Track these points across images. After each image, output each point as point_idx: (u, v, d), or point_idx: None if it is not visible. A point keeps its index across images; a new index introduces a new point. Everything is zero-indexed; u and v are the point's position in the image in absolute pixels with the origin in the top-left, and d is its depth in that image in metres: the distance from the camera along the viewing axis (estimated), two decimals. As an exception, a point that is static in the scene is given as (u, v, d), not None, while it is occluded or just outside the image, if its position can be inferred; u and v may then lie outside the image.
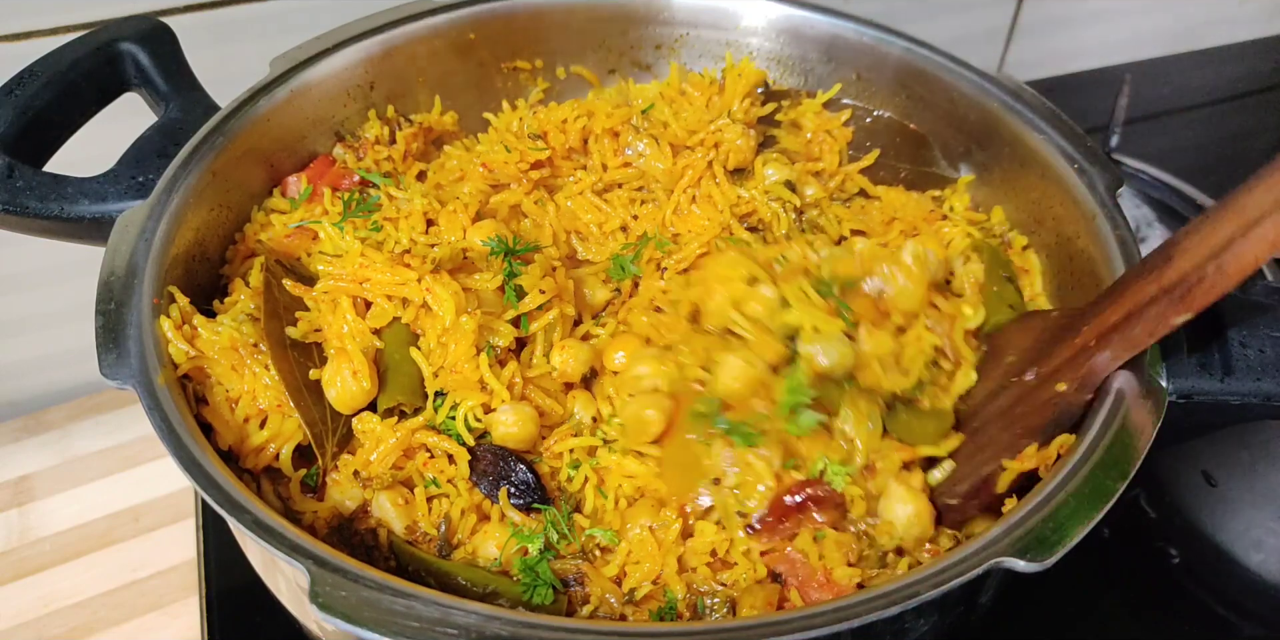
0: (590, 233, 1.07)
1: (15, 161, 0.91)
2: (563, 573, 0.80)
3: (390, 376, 0.87)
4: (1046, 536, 0.69)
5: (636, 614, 0.79)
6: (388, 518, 0.83)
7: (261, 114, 1.00)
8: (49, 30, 1.19)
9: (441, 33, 1.13)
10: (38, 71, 0.96)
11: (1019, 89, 1.07)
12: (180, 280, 0.89)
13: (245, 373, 0.85)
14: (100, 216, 0.91)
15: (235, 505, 0.71)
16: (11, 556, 1.21)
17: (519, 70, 1.19)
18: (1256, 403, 0.82)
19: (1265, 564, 1.14)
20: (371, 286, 0.89)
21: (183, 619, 1.14)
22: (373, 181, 1.03)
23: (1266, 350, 0.82)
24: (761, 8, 1.17)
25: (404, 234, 0.96)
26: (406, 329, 0.89)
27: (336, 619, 0.63)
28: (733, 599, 0.79)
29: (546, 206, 1.05)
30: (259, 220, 1.00)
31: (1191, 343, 0.82)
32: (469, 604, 0.66)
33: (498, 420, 0.86)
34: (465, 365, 0.87)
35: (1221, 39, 2.05)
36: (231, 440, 0.83)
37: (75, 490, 1.28)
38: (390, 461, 0.85)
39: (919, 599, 0.66)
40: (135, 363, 0.79)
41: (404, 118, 1.13)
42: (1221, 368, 0.82)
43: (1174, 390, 0.81)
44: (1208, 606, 1.14)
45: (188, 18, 1.24)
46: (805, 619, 0.65)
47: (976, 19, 1.82)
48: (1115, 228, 0.92)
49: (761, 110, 1.16)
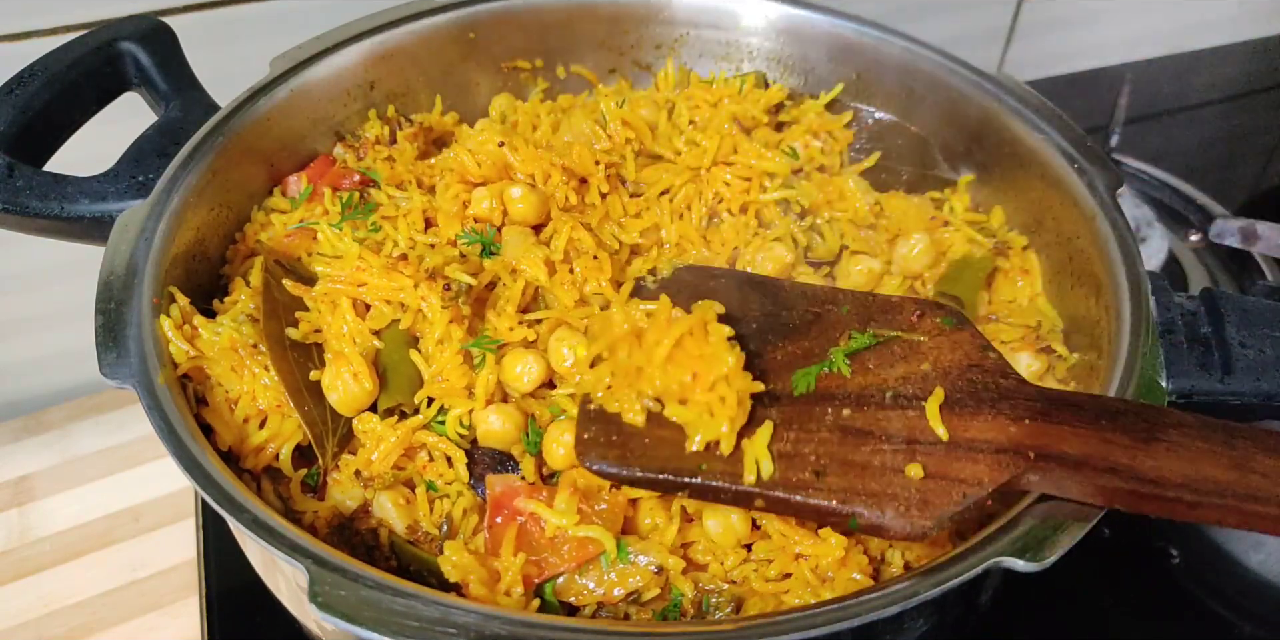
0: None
1: (15, 161, 0.91)
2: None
3: (390, 377, 0.87)
4: (1046, 536, 0.69)
5: (640, 614, 0.79)
6: (389, 517, 0.83)
7: (261, 114, 1.00)
8: (49, 30, 1.19)
9: (442, 32, 1.13)
10: (38, 71, 0.96)
11: (1019, 89, 1.07)
12: (180, 280, 0.89)
13: (245, 373, 0.85)
14: (100, 216, 0.91)
15: (235, 505, 0.71)
16: (11, 556, 1.21)
17: (519, 70, 1.19)
18: (1256, 403, 0.82)
19: (1265, 564, 1.14)
20: (368, 290, 0.89)
21: (183, 619, 1.14)
22: (374, 180, 1.03)
23: (1266, 350, 0.82)
24: (761, 8, 1.17)
25: (403, 233, 0.96)
26: (405, 330, 0.89)
27: (336, 619, 0.63)
28: (739, 597, 0.79)
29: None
30: (259, 220, 1.00)
31: (1191, 343, 0.82)
32: (469, 604, 0.66)
33: (483, 420, 0.86)
34: (454, 373, 0.87)
35: (1221, 39, 2.05)
36: (231, 440, 0.83)
37: (75, 490, 1.28)
38: (391, 461, 0.85)
39: (919, 598, 0.66)
40: (135, 362, 0.79)
41: (404, 117, 1.13)
42: (1221, 368, 0.82)
43: (1174, 390, 0.80)
44: (1208, 606, 1.14)
45: (188, 18, 1.24)
46: (805, 618, 0.65)
47: (976, 19, 1.82)
48: (1115, 228, 0.92)
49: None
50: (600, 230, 0.98)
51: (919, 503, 0.68)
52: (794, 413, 0.74)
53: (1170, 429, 0.69)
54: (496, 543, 0.78)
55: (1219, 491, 0.66)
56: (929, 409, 0.72)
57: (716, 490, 0.71)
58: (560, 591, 0.78)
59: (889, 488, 0.69)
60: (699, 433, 0.70)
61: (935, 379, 0.75)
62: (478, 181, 1.00)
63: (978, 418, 0.72)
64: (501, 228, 0.96)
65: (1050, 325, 0.98)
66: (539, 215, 0.97)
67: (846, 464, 0.71)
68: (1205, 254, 1.53)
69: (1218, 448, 0.68)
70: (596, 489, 0.81)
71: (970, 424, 0.71)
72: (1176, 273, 1.49)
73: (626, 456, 0.71)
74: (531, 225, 0.97)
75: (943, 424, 0.71)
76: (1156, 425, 0.70)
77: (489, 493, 0.81)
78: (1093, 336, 0.90)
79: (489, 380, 0.87)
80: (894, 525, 0.68)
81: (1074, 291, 0.97)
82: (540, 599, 0.77)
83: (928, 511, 0.68)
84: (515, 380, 0.87)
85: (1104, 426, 0.70)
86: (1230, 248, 1.49)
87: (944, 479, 0.69)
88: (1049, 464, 0.68)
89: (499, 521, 0.79)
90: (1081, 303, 0.94)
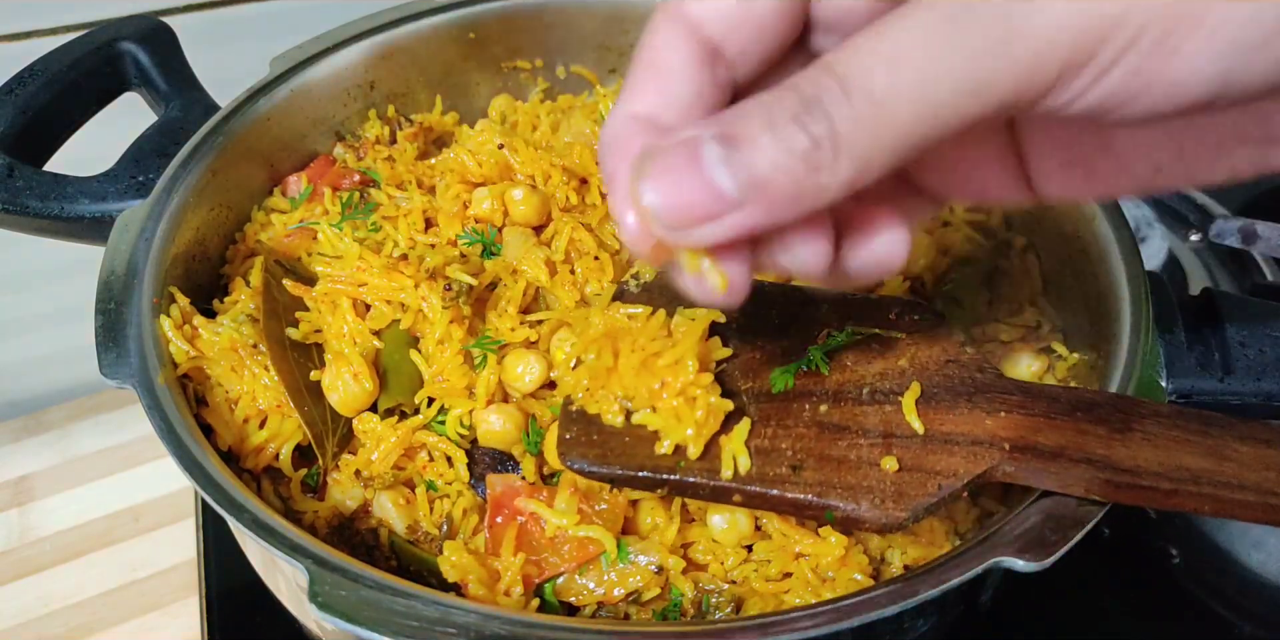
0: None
1: (15, 161, 0.91)
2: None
3: (390, 377, 0.87)
4: (1046, 536, 0.69)
5: (640, 614, 0.79)
6: (389, 517, 0.83)
7: (261, 114, 1.01)
8: (49, 30, 1.19)
9: (442, 32, 1.13)
10: (38, 71, 0.96)
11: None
12: (180, 280, 0.89)
13: (245, 373, 0.85)
14: (100, 216, 0.91)
15: (235, 505, 0.71)
16: (11, 556, 1.21)
17: (519, 70, 1.19)
18: (1256, 403, 0.82)
19: (1265, 564, 1.14)
20: (368, 290, 0.89)
21: (183, 619, 1.14)
22: (374, 180, 1.03)
23: (1266, 350, 0.82)
24: (761, 7, 1.17)
25: (403, 233, 0.96)
26: (406, 331, 0.89)
27: (336, 618, 0.63)
28: (739, 597, 0.79)
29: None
30: (259, 220, 1.00)
31: (1191, 343, 0.82)
32: (469, 604, 0.66)
33: (484, 419, 0.86)
34: (454, 373, 0.87)
35: (1221, 39, 2.04)
36: (231, 441, 0.83)
37: (75, 490, 1.28)
38: (391, 461, 0.85)
39: (919, 598, 0.66)
40: (135, 362, 0.79)
41: (404, 117, 1.14)
42: (1221, 368, 0.82)
43: (1174, 390, 0.80)
44: (1208, 606, 1.14)
45: (188, 18, 1.24)
46: (805, 618, 0.65)
47: (976, 19, 1.82)
48: (1115, 228, 0.92)
49: None
50: (601, 231, 0.98)
51: (894, 495, 0.69)
52: (772, 409, 0.75)
53: (1146, 419, 0.71)
54: (496, 542, 0.78)
55: (1194, 479, 0.67)
56: (905, 403, 0.73)
57: (695, 486, 0.71)
58: (560, 591, 0.78)
59: (865, 480, 0.70)
60: (668, 438, 0.71)
61: (912, 374, 0.76)
62: (478, 182, 1.00)
63: (954, 411, 0.73)
64: (502, 228, 0.97)
65: (1050, 325, 0.97)
66: (540, 216, 0.97)
67: (823, 458, 0.72)
68: (1205, 254, 1.53)
69: (1193, 436, 0.69)
70: (597, 489, 0.81)
71: (946, 418, 0.72)
72: (1176, 273, 1.49)
73: (606, 455, 0.72)
74: (533, 226, 0.97)
75: (919, 417, 0.72)
76: (1132, 416, 0.71)
77: (489, 492, 0.81)
78: (1093, 336, 0.90)
79: (490, 380, 0.87)
80: (869, 517, 0.69)
81: (1074, 291, 0.97)
82: (540, 599, 0.77)
83: (902, 503, 0.68)
84: (517, 380, 0.87)
85: (1080, 418, 0.71)
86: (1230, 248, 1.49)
87: (919, 471, 0.70)
88: (1024, 455, 0.69)
89: (499, 521, 0.79)
90: (1081, 303, 0.94)
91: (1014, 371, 0.93)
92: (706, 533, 0.82)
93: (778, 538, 0.80)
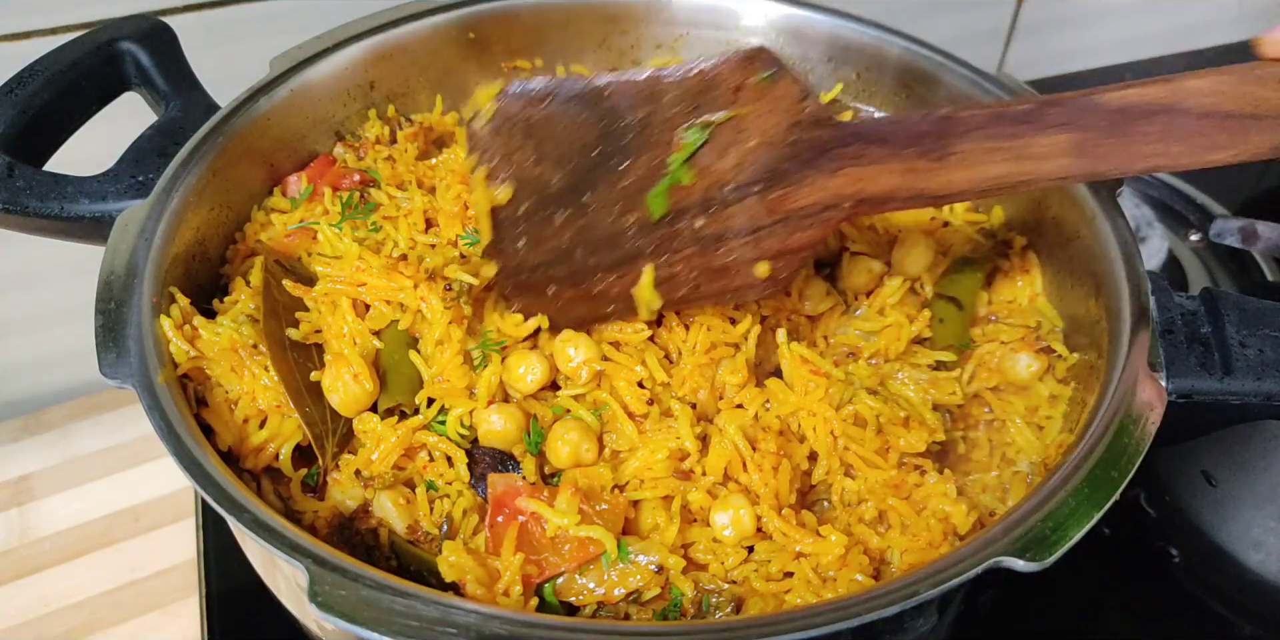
0: None
1: (15, 161, 0.91)
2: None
3: (390, 377, 0.87)
4: (1046, 536, 0.69)
5: (640, 613, 0.79)
6: (389, 517, 0.83)
7: (261, 113, 1.00)
8: (49, 30, 1.19)
9: (442, 32, 1.13)
10: (38, 71, 0.96)
11: (1019, 89, 1.07)
12: (180, 280, 0.89)
13: (245, 373, 0.85)
14: (100, 216, 0.91)
15: (235, 505, 0.71)
16: (11, 556, 1.21)
17: (519, 69, 1.19)
18: (1256, 402, 0.82)
19: (1265, 564, 1.14)
20: (368, 291, 0.89)
21: (183, 619, 1.14)
22: (374, 180, 1.03)
23: (1266, 350, 0.82)
24: (761, 7, 1.17)
25: (403, 233, 0.96)
26: (405, 331, 0.89)
27: (336, 618, 0.63)
28: (739, 597, 0.79)
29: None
30: (259, 220, 1.00)
31: (1191, 342, 0.82)
32: (469, 604, 0.66)
33: (485, 419, 0.86)
34: (454, 373, 0.87)
35: (1221, 39, 2.05)
36: (231, 441, 0.83)
37: (75, 490, 1.28)
38: (391, 461, 0.85)
39: (919, 598, 0.66)
40: (135, 362, 0.79)
41: (404, 117, 1.14)
42: (1221, 368, 0.82)
43: (1174, 390, 0.80)
44: (1208, 606, 1.14)
45: (188, 17, 1.24)
46: (805, 618, 0.65)
47: (976, 19, 1.82)
48: (1115, 228, 0.92)
49: None
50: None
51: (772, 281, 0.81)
52: (659, 239, 0.82)
53: (962, 137, 0.77)
54: (497, 542, 0.78)
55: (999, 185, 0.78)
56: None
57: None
58: (560, 591, 0.78)
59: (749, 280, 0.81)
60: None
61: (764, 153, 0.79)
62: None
63: (803, 185, 0.79)
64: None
65: (1050, 325, 0.97)
66: None
67: (712, 271, 0.81)
68: (1205, 254, 1.53)
69: (1003, 143, 0.77)
70: (598, 489, 0.81)
71: (799, 194, 0.79)
72: (1176, 273, 1.49)
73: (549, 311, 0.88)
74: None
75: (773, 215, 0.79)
76: (950, 137, 0.77)
77: (490, 492, 0.81)
78: (1093, 336, 0.90)
79: (491, 381, 0.87)
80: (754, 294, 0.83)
81: (1074, 291, 0.97)
82: (540, 599, 0.77)
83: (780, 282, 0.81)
84: (518, 381, 0.87)
85: (906, 155, 0.78)
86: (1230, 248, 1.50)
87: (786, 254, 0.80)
88: (863, 206, 0.79)
89: (500, 521, 0.79)
90: (1081, 303, 0.94)
91: (1014, 371, 0.93)
92: (707, 533, 0.82)
93: (778, 538, 0.80)
